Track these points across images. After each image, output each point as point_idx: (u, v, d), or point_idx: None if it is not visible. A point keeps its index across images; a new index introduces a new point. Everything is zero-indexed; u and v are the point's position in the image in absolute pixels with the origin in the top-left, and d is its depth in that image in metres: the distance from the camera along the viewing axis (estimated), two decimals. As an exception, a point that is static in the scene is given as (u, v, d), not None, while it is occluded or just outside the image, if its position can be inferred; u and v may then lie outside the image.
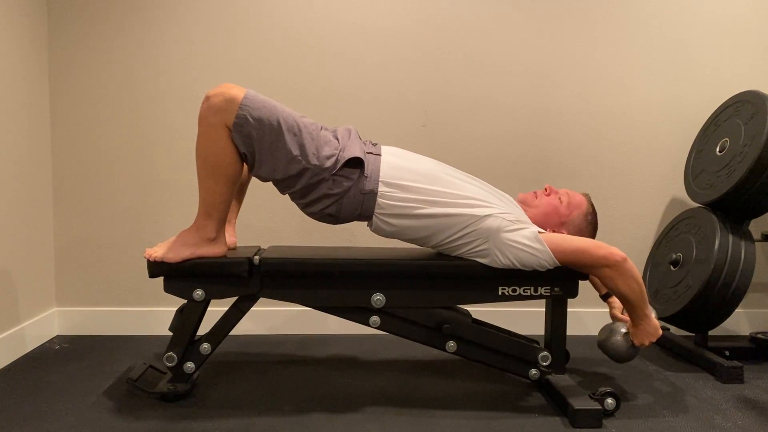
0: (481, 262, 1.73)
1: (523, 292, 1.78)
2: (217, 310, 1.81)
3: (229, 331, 1.78)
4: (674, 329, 2.37)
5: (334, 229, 2.41)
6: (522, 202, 1.88)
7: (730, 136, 2.19)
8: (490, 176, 2.28)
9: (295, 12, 2.39)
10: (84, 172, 2.36)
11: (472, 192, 1.73)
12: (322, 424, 1.59)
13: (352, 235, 2.45)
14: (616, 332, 1.79)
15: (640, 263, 2.51)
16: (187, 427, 1.55)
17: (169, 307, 2.28)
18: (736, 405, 1.78)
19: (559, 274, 1.76)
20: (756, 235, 2.22)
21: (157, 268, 1.70)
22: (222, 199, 1.67)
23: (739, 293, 2.04)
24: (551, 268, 1.70)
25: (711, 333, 2.21)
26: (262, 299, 1.79)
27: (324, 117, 2.29)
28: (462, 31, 2.43)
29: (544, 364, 1.80)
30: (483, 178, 1.92)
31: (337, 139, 1.71)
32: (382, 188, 1.67)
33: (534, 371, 1.81)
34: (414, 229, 1.72)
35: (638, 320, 1.72)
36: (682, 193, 2.47)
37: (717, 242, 2.05)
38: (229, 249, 1.82)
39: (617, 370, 2.07)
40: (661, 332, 1.74)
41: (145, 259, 1.71)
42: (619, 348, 1.78)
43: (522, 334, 1.96)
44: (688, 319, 2.13)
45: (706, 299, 2.04)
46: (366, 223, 1.76)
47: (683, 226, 2.30)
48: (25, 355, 2.11)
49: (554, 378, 1.80)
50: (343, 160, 1.65)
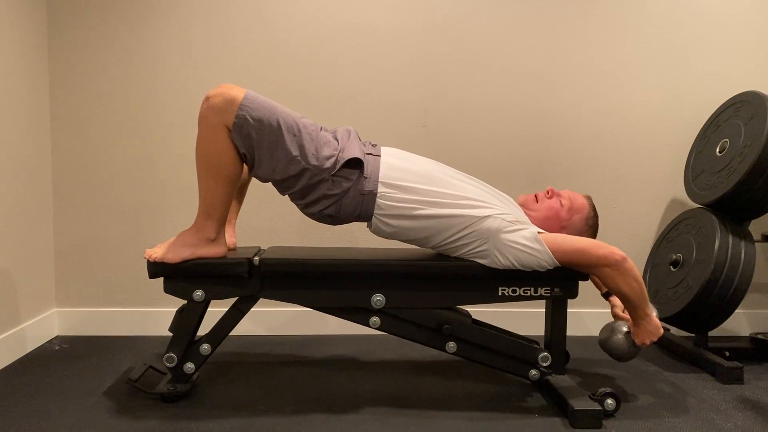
0: (481, 263, 1.73)
1: (523, 293, 1.78)
2: (217, 310, 1.81)
3: (229, 332, 1.78)
4: (674, 330, 2.37)
5: (334, 229, 2.41)
6: (523, 204, 1.88)
7: (730, 137, 2.19)
8: (490, 177, 2.28)
9: (295, 13, 2.39)
10: (84, 173, 2.36)
11: (471, 193, 1.73)
12: (322, 425, 1.59)
13: (352, 236, 2.45)
14: (618, 331, 1.79)
15: (640, 264, 2.51)
16: (187, 428, 1.55)
17: (169, 308, 2.28)
18: (736, 405, 1.78)
19: (559, 275, 1.76)
20: (756, 236, 2.22)
21: (157, 269, 1.70)
22: (222, 200, 1.67)
23: (739, 294, 2.04)
24: (551, 268, 1.70)
25: (711, 333, 2.21)
26: (262, 300, 1.79)
27: (324, 118, 2.30)
28: (462, 32, 2.43)
29: (544, 364, 1.80)
30: (483, 178, 1.92)
31: (337, 139, 1.71)
32: (381, 189, 1.67)
33: (534, 372, 1.81)
34: (413, 230, 1.72)
35: (639, 319, 1.72)
36: (682, 193, 2.48)
37: (717, 243, 2.05)
38: (229, 249, 1.83)
39: (617, 371, 2.07)
40: (662, 331, 1.74)
41: (145, 260, 1.71)
42: (620, 347, 1.78)
43: (522, 334, 1.96)
44: (688, 319, 2.13)
45: (706, 300, 2.04)
46: (366, 223, 1.76)
47: (683, 227, 2.30)
48: (25, 356, 2.11)
49: (554, 378, 1.80)
50: (342, 161, 1.65)
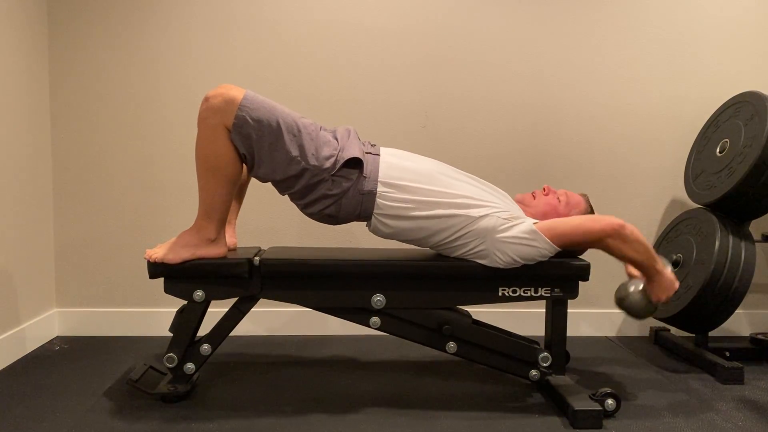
0: (483, 263, 1.73)
1: (523, 293, 1.78)
2: (218, 311, 1.82)
3: (230, 332, 1.78)
4: (674, 330, 2.36)
5: (334, 229, 2.41)
6: (520, 202, 1.89)
7: (730, 137, 2.19)
8: (490, 177, 2.28)
9: (295, 13, 2.39)
10: (84, 173, 2.36)
11: (470, 192, 1.73)
12: (322, 425, 1.59)
13: (352, 236, 2.45)
14: (634, 289, 1.75)
15: (641, 264, 2.51)
16: (187, 428, 1.55)
17: (170, 308, 2.28)
18: (737, 406, 1.78)
19: (560, 275, 1.77)
20: (756, 236, 2.22)
21: (157, 269, 1.70)
22: (222, 200, 1.67)
23: (740, 294, 2.04)
24: (553, 255, 1.70)
25: (711, 334, 2.21)
26: (262, 300, 1.79)
27: (324, 118, 2.29)
28: (462, 32, 2.43)
29: (545, 364, 1.80)
30: (483, 178, 1.91)
31: (336, 139, 1.71)
32: (380, 188, 1.67)
33: (534, 372, 1.81)
34: (411, 231, 1.72)
35: (652, 277, 1.70)
36: (682, 193, 2.47)
37: (717, 243, 2.05)
38: (229, 250, 1.82)
39: (617, 371, 2.07)
40: (677, 285, 1.71)
41: (146, 260, 1.71)
42: (637, 305, 1.75)
43: (522, 335, 1.96)
44: (689, 319, 2.13)
45: (707, 300, 2.04)
46: (365, 223, 1.76)
47: (683, 227, 2.30)
48: (25, 356, 2.11)
49: (554, 379, 1.80)
50: (342, 161, 1.65)
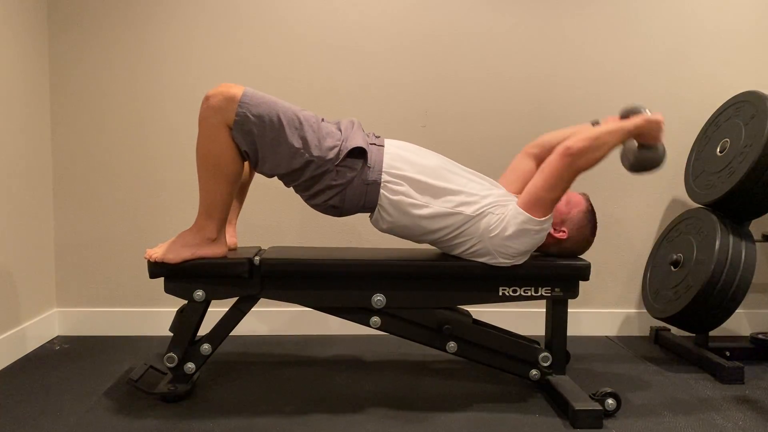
0: (484, 261, 1.73)
1: (523, 293, 1.78)
2: (218, 310, 1.81)
3: (230, 332, 1.78)
4: (675, 329, 2.36)
5: (335, 229, 2.41)
6: None
7: (730, 137, 2.19)
8: (491, 176, 2.27)
9: (296, 12, 2.39)
10: (84, 173, 2.36)
11: (470, 188, 1.73)
12: (322, 424, 1.59)
13: (353, 235, 2.45)
14: (633, 149, 1.78)
15: (641, 264, 2.51)
16: (188, 428, 1.55)
17: (170, 308, 2.28)
18: (737, 405, 1.78)
19: (560, 275, 1.77)
20: (756, 236, 2.22)
21: (157, 269, 1.70)
22: (222, 200, 1.67)
23: (740, 294, 2.04)
24: (546, 225, 1.70)
25: (711, 333, 2.21)
26: (262, 300, 1.79)
27: (325, 116, 2.29)
28: (463, 31, 2.43)
29: (545, 364, 1.80)
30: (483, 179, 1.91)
31: (340, 130, 1.72)
32: (384, 179, 1.67)
33: (534, 372, 1.81)
34: (409, 225, 1.71)
35: (638, 136, 1.73)
36: (682, 193, 2.47)
37: (717, 243, 2.05)
38: (230, 249, 1.83)
39: (618, 371, 2.07)
40: (659, 116, 1.72)
41: (146, 260, 1.71)
42: (648, 156, 1.76)
43: (522, 334, 1.96)
44: (689, 319, 2.12)
45: (707, 300, 2.04)
46: (369, 215, 1.76)
47: (684, 227, 2.30)
48: (25, 356, 2.11)
49: (555, 378, 1.80)
50: (346, 150, 1.65)
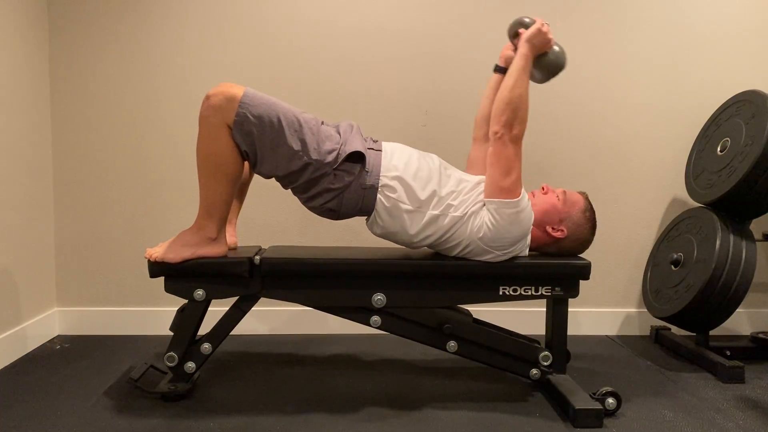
0: (486, 260, 1.74)
1: (524, 292, 1.78)
2: (218, 310, 1.81)
3: (230, 331, 1.78)
4: (675, 329, 2.36)
5: (335, 228, 2.41)
6: None
7: (731, 136, 2.19)
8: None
9: (294, 12, 2.38)
10: (84, 172, 2.36)
11: (461, 187, 1.74)
12: (323, 424, 1.59)
13: (353, 235, 2.44)
14: (539, 60, 1.78)
15: (641, 263, 2.51)
16: (188, 427, 1.55)
17: (170, 307, 2.27)
18: (737, 405, 1.78)
19: (560, 274, 1.77)
20: (757, 235, 2.22)
21: (157, 268, 1.70)
22: (223, 199, 1.67)
23: (740, 293, 2.03)
24: (524, 202, 1.71)
25: (712, 333, 2.20)
26: (262, 299, 1.79)
27: (324, 117, 2.28)
28: (463, 31, 2.43)
29: (545, 363, 1.80)
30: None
31: (339, 133, 1.72)
32: (382, 183, 1.67)
33: (535, 371, 1.81)
34: (401, 230, 1.72)
35: (533, 53, 1.76)
36: (683, 192, 2.47)
37: (718, 242, 2.05)
38: (230, 249, 1.82)
39: (618, 370, 2.07)
40: (538, 22, 1.75)
41: (146, 259, 1.71)
42: (546, 64, 1.78)
43: (523, 333, 1.96)
44: (689, 318, 2.12)
45: (707, 299, 2.04)
46: (365, 219, 1.76)
47: (684, 226, 2.30)
48: (26, 355, 2.11)
49: (555, 378, 1.80)
50: (344, 154, 1.66)
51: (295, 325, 2.45)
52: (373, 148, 1.72)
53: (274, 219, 2.43)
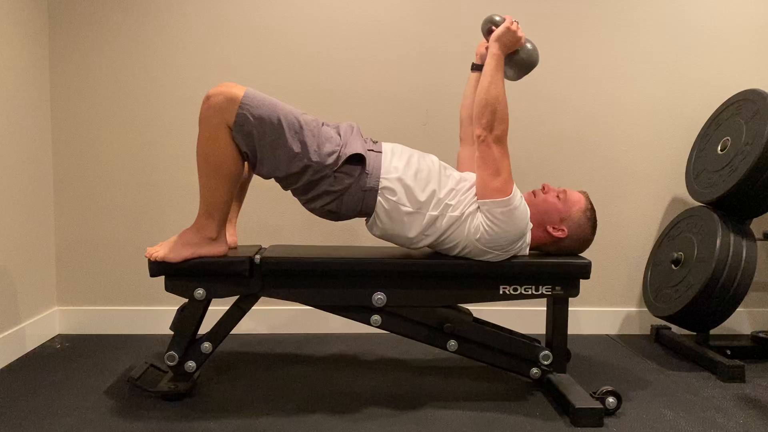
0: (486, 260, 1.73)
1: (524, 291, 1.78)
2: (218, 309, 1.81)
3: (230, 330, 1.78)
4: (675, 328, 2.36)
5: (335, 227, 2.41)
6: None
7: (731, 135, 2.19)
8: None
9: (294, 11, 2.38)
10: (85, 172, 2.36)
11: (460, 187, 1.74)
12: (323, 423, 1.59)
13: (353, 234, 2.45)
14: (511, 58, 1.79)
15: (642, 262, 2.51)
16: (189, 427, 1.55)
17: (170, 306, 2.28)
18: (738, 404, 1.78)
19: (561, 273, 1.76)
20: (757, 234, 2.22)
21: (158, 267, 1.70)
22: (223, 199, 1.67)
23: (741, 292, 2.03)
24: (517, 199, 1.70)
25: (712, 332, 2.21)
26: (263, 298, 1.79)
27: (324, 116, 2.28)
28: (463, 30, 2.43)
29: (546, 363, 1.80)
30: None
31: (339, 135, 1.72)
32: (382, 185, 1.67)
33: (535, 370, 1.81)
34: (401, 232, 1.72)
35: (505, 51, 1.75)
36: (683, 192, 2.47)
37: (718, 241, 2.05)
38: (230, 248, 1.82)
39: (619, 370, 2.07)
40: (507, 19, 1.73)
41: (146, 259, 1.71)
42: (518, 61, 1.79)
43: (523, 333, 1.96)
44: (690, 318, 2.12)
45: (708, 298, 2.04)
46: (365, 220, 1.76)
47: (684, 225, 2.30)
48: (26, 355, 2.11)
49: (555, 377, 1.80)
50: (344, 157, 1.65)
51: (296, 325, 2.45)
52: (373, 150, 1.72)
53: (274, 219, 2.43)
